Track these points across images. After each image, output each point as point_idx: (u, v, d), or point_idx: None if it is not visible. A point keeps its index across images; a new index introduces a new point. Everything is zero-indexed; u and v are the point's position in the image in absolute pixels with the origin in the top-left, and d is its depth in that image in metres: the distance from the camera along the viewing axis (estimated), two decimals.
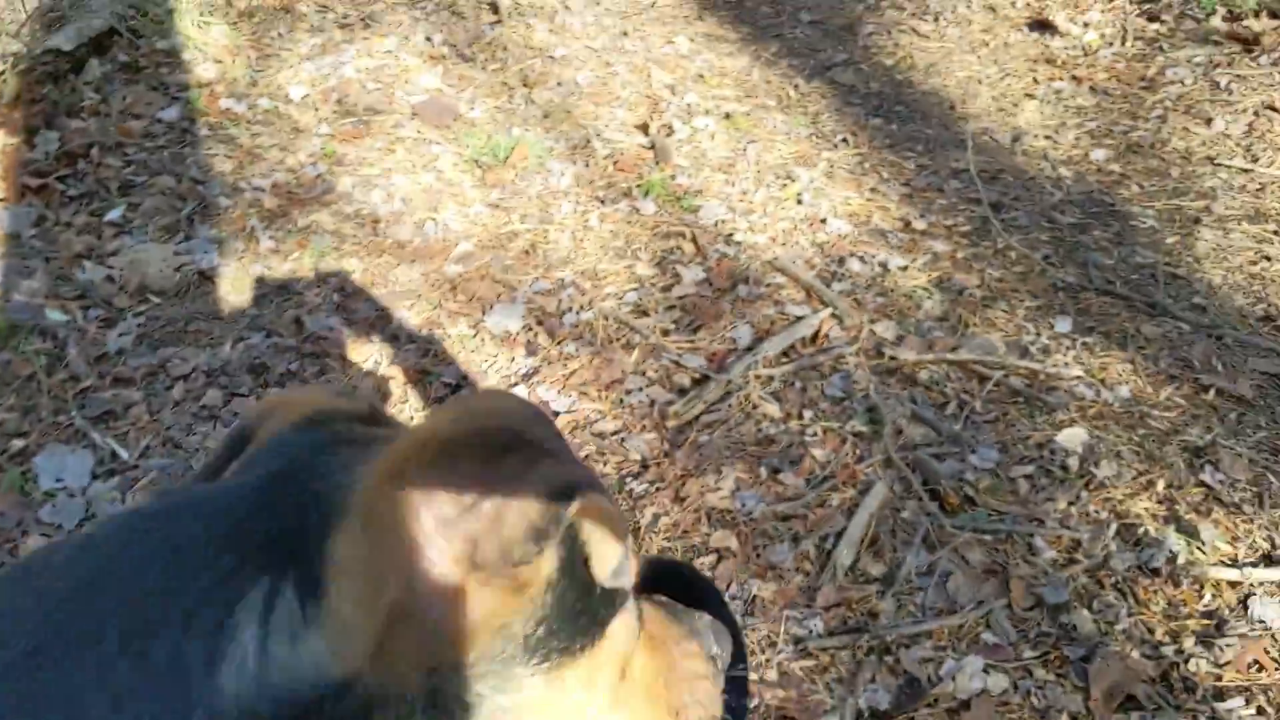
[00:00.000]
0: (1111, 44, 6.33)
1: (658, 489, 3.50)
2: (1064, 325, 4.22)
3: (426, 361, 4.08)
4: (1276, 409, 3.76)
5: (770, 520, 3.37)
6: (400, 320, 4.32)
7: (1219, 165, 5.22)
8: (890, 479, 3.51)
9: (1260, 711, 2.70)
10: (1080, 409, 3.78)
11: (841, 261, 4.63)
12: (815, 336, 4.18)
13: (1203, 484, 3.42)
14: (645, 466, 3.62)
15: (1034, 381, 3.93)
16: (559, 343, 4.17)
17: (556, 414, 3.83)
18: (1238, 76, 5.78)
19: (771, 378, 3.94)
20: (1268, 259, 4.59)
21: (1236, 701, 2.72)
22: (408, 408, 3.88)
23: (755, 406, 3.81)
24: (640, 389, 3.94)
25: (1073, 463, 3.54)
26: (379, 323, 4.31)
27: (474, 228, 4.94)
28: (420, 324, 4.30)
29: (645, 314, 4.32)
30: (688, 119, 5.74)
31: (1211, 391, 3.83)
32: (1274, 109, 5.50)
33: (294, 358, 4.08)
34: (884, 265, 4.62)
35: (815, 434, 3.70)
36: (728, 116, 5.79)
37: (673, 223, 4.91)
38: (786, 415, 3.78)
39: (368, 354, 4.13)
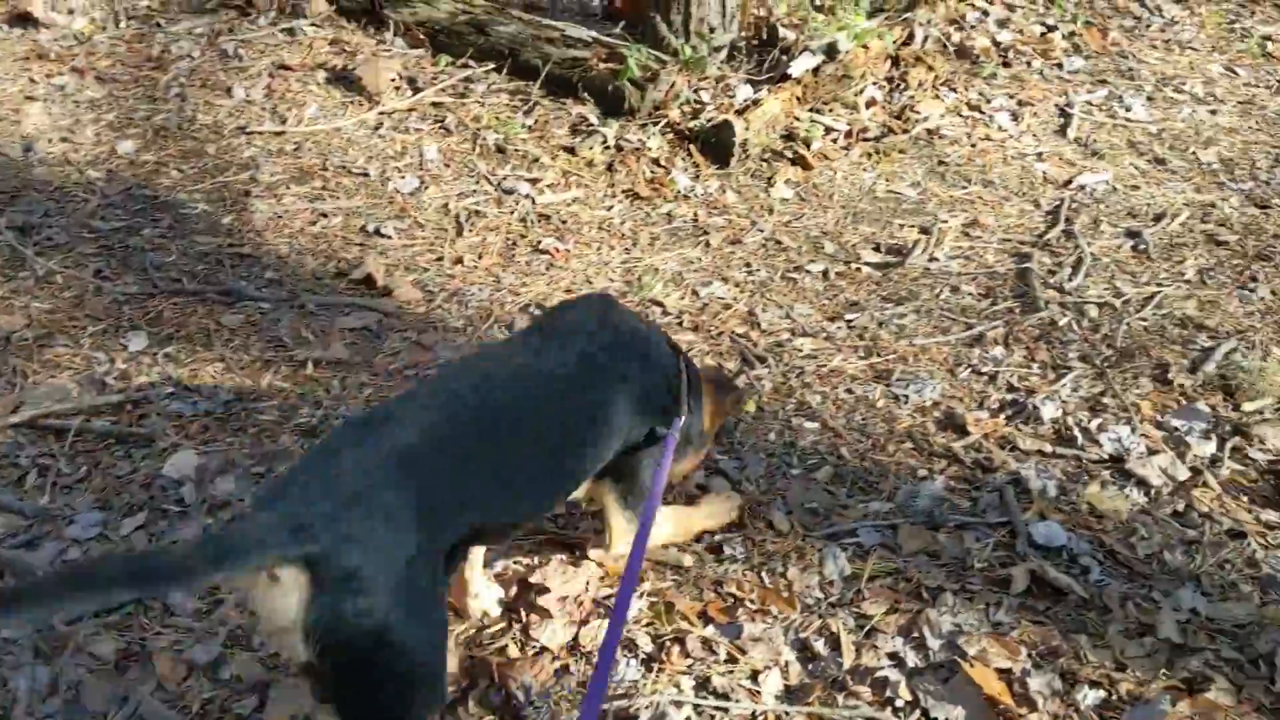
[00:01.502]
0: (105, 28, 5.81)
1: None
2: (138, 342, 3.71)
3: None
4: (374, 361, 3.71)
5: None
6: None
7: (252, 133, 5.07)
8: None
9: None
10: (181, 428, 3.34)
11: None
12: None
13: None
14: None
15: (121, 416, 3.38)
16: None
17: None
18: (243, 41, 5.67)
19: None
20: (324, 215, 4.56)
21: None
22: None
23: None
24: None
25: (188, 491, 3.10)
26: None
27: None
28: None
29: None
30: None
31: (310, 364, 3.65)
32: (286, 67, 5.49)
33: None
34: None
35: None
36: None
37: None
38: None
39: None
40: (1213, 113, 5.85)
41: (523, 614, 2.72)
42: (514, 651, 2.64)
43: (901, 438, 3.41)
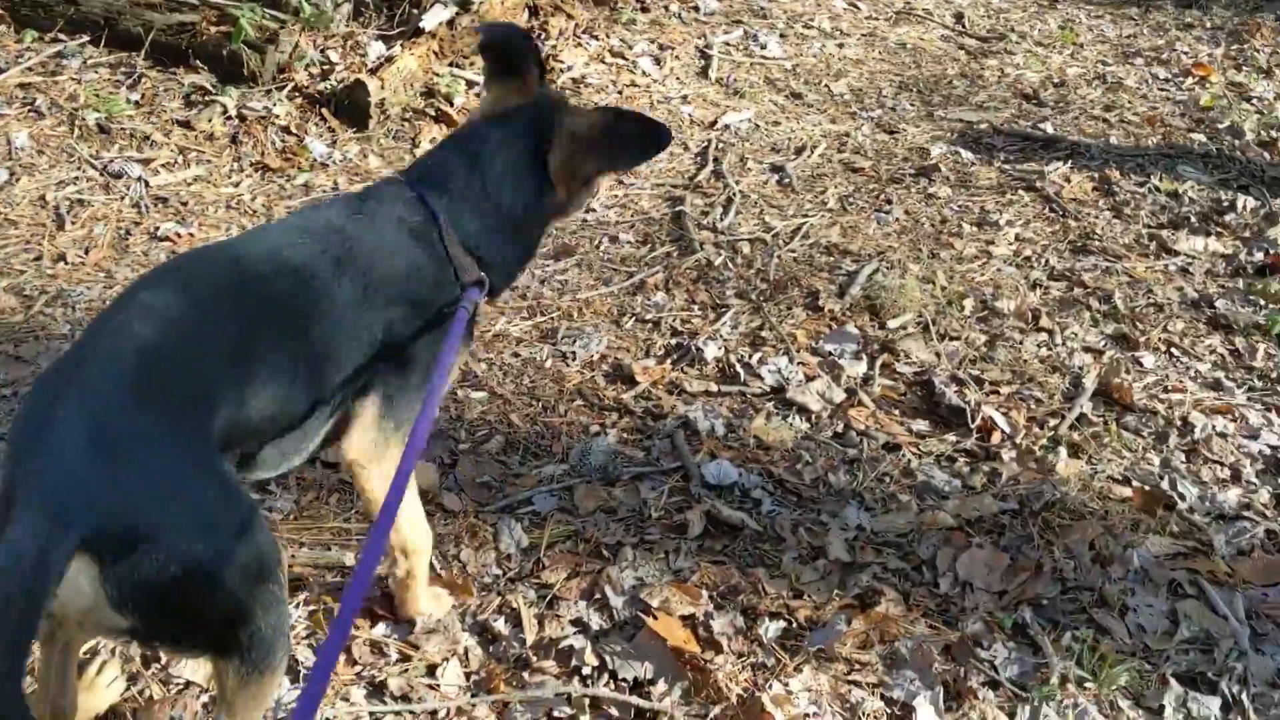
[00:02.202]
0: None
1: None
2: None
3: None
4: None
5: None
6: None
7: None
8: None
9: None
10: None
11: None
12: None
13: None
14: None
15: None
16: None
17: None
18: None
19: None
20: None
21: None
22: None
23: None
24: None
25: None
26: None
27: None
28: None
29: None
30: None
31: None
32: None
33: None
34: None
35: None
36: None
37: None
38: None
39: None
40: (840, 46, 6.14)
41: (161, 653, 2.38)
42: (156, 692, 2.31)
43: (572, 396, 3.30)
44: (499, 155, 2.25)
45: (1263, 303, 3.82)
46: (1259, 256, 4.12)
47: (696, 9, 6.19)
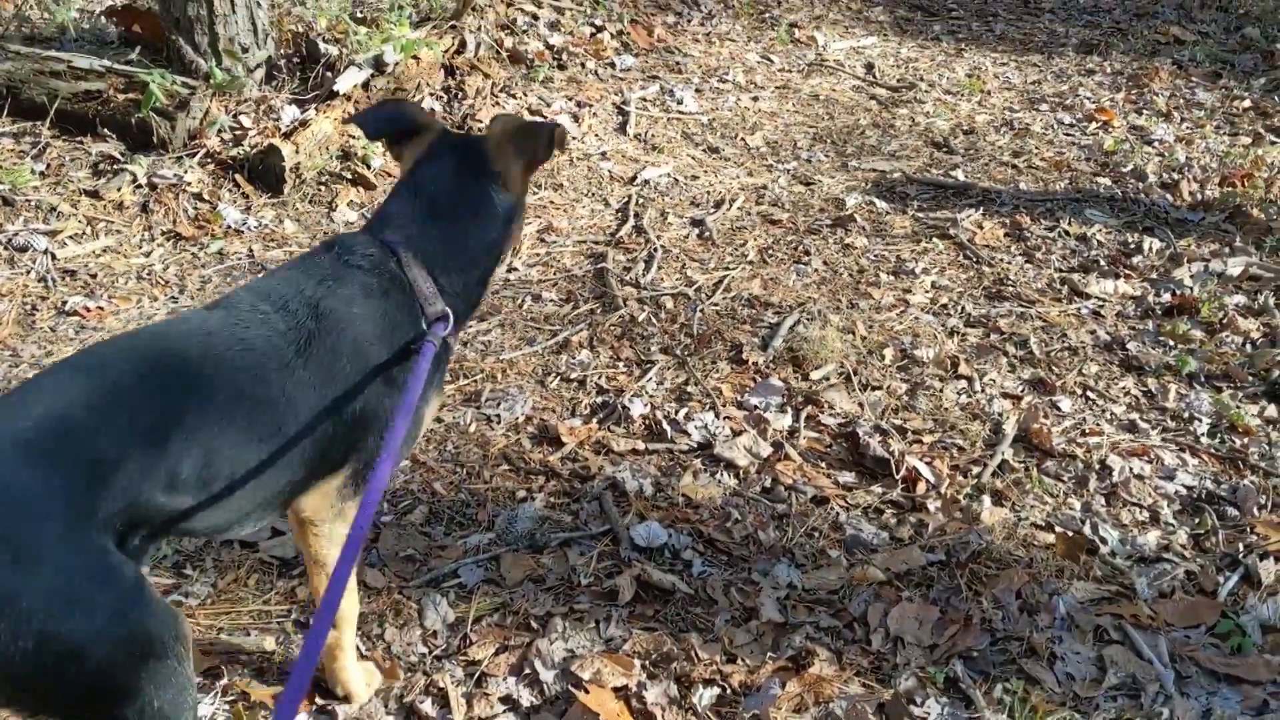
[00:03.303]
0: None
1: None
2: None
3: None
4: None
5: None
6: None
7: None
8: None
9: None
10: None
11: None
12: None
13: None
14: None
15: None
16: None
17: None
18: None
19: None
20: None
21: None
22: None
23: None
24: None
25: None
26: None
27: None
28: None
29: None
30: None
31: None
32: None
33: None
34: None
35: None
36: None
37: None
38: None
39: None
40: (755, 99, 6.23)
41: None
42: None
43: (497, 460, 3.25)
44: (444, 177, 2.30)
45: (1172, 343, 3.93)
46: (1166, 297, 4.23)
47: (613, 65, 6.25)
